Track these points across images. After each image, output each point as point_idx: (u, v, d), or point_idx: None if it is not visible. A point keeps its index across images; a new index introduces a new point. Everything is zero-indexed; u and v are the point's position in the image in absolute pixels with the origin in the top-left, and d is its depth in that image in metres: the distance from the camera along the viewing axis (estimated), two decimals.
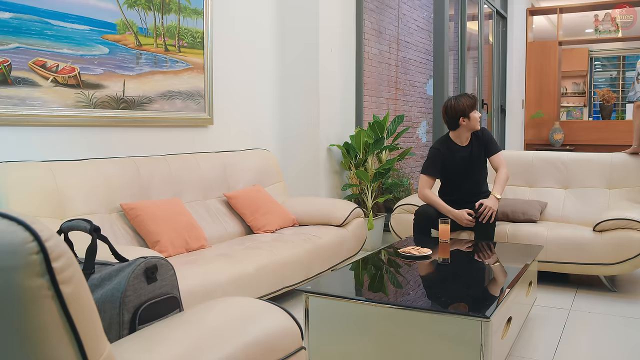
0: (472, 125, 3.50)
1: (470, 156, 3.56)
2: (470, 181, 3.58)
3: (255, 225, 3.48)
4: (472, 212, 3.41)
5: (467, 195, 3.55)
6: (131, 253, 2.09)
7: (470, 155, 3.56)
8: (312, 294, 2.15)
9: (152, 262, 1.53)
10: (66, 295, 0.89)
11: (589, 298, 3.28)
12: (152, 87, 3.34)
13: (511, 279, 2.33)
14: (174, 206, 3.04)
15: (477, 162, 3.57)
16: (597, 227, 3.31)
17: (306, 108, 4.47)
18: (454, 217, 3.41)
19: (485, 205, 3.34)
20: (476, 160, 3.56)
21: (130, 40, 3.20)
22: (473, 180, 3.58)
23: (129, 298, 1.46)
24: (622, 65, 11.61)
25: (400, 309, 2.00)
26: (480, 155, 3.56)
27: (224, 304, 1.54)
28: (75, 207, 2.70)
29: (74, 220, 1.60)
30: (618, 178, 3.82)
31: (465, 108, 3.46)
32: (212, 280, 2.51)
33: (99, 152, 3.09)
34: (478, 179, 3.59)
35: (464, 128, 3.51)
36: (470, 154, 3.56)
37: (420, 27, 7.14)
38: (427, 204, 3.52)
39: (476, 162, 3.57)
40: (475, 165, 3.57)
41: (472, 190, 3.57)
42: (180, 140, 3.62)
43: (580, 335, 2.71)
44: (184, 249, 2.92)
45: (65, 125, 2.91)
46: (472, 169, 3.57)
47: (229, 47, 4.00)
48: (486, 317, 1.85)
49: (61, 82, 2.85)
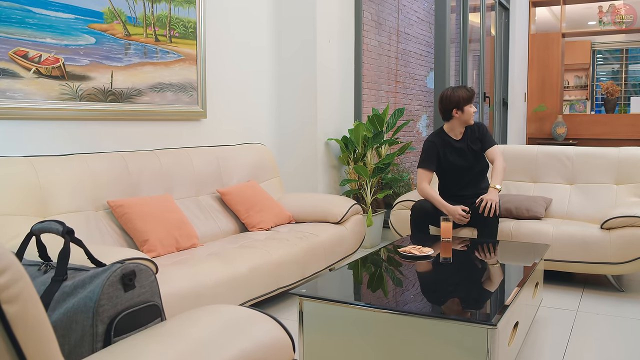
0: (465, 119, 3.41)
1: (464, 150, 3.46)
2: (467, 176, 3.47)
3: (250, 222, 3.35)
4: (466, 209, 3.31)
5: (465, 189, 3.46)
6: (111, 255, 1.96)
7: (465, 149, 3.45)
8: (307, 297, 2.02)
9: (129, 268, 1.41)
10: (11, 316, 0.76)
11: (596, 298, 3.15)
12: (141, 79, 3.20)
13: (518, 281, 2.20)
14: (164, 203, 2.91)
15: (472, 156, 3.45)
16: (605, 225, 3.18)
17: (303, 101, 4.33)
18: (448, 212, 3.31)
19: (485, 199, 3.21)
20: (471, 154, 3.45)
21: (119, 29, 3.06)
22: (470, 174, 3.47)
23: (104, 308, 1.33)
24: (625, 58, 11.45)
25: (401, 314, 1.87)
26: (476, 149, 3.45)
27: (209, 313, 1.41)
28: (59, 205, 2.57)
29: (45, 222, 1.47)
30: (626, 173, 3.69)
31: (460, 100, 3.37)
32: (202, 282, 2.38)
33: (85, 146, 2.95)
34: (475, 174, 3.48)
35: (457, 120, 3.43)
36: (464, 148, 3.46)
37: (421, 18, 6.99)
38: (424, 198, 3.41)
39: (471, 156, 3.45)
40: (470, 159, 3.45)
41: (470, 185, 3.47)
42: (171, 134, 3.48)
43: (589, 338, 2.58)
44: (174, 248, 2.79)
45: (48, 119, 2.77)
46: (467, 163, 3.46)
47: (223, 38, 3.86)
48: (492, 325, 1.72)
49: (44, 74, 2.71)
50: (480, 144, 3.46)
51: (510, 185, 4.00)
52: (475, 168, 3.47)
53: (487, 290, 2.21)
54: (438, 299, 2.08)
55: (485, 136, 3.47)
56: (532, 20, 7.98)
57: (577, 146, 4.05)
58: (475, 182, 3.49)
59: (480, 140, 3.46)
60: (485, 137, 3.46)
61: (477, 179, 3.50)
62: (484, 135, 3.47)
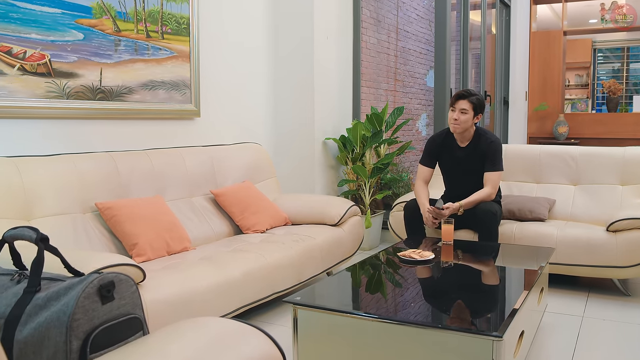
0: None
1: (465, 160, 3.26)
2: (467, 184, 3.26)
3: (245, 224, 3.25)
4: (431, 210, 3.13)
5: (466, 194, 3.21)
6: (93, 262, 1.86)
7: (466, 159, 3.26)
8: (301, 306, 1.92)
9: (107, 278, 1.30)
10: None
11: (602, 303, 3.05)
12: (132, 77, 3.10)
13: (523, 287, 2.10)
14: (155, 205, 2.80)
15: (473, 168, 3.25)
16: (611, 227, 3.08)
17: (300, 99, 4.22)
18: (422, 213, 3.17)
19: (446, 208, 3.06)
20: (472, 167, 3.25)
21: (108, 25, 2.95)
22: (470, 183, 3.26)
23: (79, 322, 1.23)
24: (627, 56, 11.35)
25: (401, 324, 1.77)
26: (478, 164, 3.23)
27: (195, 327, 1.31)
28: (44, 207, 2.46)
29: (17, 228, 1.37)
30: (631, 173, 3.59)
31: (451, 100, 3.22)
32: (192, 288, 2.28)
33: (72, 146, 2.85)
34: (476, 184, 3.25)
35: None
36: (466, 158, 3.26)
37: (420, 16, 6.89)
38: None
39: (472, 168, 3.25)
40: (470, 171, 3.26)
41: (471, 192, 3.21)
42: (163, 133, 3.37)
43: (596, 346, 2.48)
44: (165, 251, 2.68)
45: (34, 118, 2.67)
46: (467, 173, 3.27)
47: (217, 34, 3.75)
48: (498, 337, 1.62)
49: (29, 70, 2.60)
50: (481, 164, 3.22)
51: (513, 186, 3.89)
52: (476, 180, 3.25)
53: (491, 298, 2.10)
54: (440, 308, 1.97)
55: (489, 158, 3.19)
56: (533, 18, 7.88)
57: (581, 146, 3.95)
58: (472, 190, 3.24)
59: (483, 159, 3.21)
60: (488, 159, 3.19)
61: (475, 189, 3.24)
62: (489, 157, 3.19)
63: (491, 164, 3.20)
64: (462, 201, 3.12)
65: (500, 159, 3.24)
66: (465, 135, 3.25)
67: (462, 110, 3.15)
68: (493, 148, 3.21)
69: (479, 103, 3.18)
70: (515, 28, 7.13)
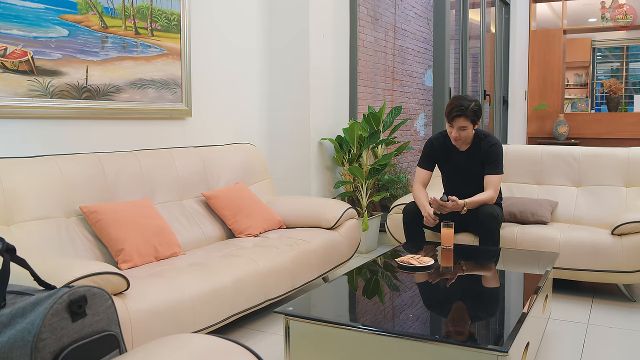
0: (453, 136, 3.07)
1: (466, 164, 3.16)
2: (467, 187, 3.15)
3: (237, 228, 3.13)
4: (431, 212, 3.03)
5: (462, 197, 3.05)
6: (70, 270, 1.74)
7: (466, 164, 3.15)
8: (294, 317, 1.81)
9: (78, 293, 1.19)
10: None
11: (607, 310, 2.95)
12: (120, 75, 2.98)
13: (528, 297, 2.00)
14: (143, 208, 2.69)
15: (473, 172, 3.15)
16: (616, 231, 2.98)
17: (296, 98, 4.11)
18: (423, 213, 3.05)
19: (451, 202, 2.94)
20: (472, 171, 3.15)
21: (94, 21, 2.84)
22: (471, 187, 3.15)
23: (45, 342, 1.12)
24: (626, 56, 11.26)
25: (399, 337, 1.66)
26: (478, 168, 3.13)
27: (174, 347, 1.20)
28: (25, 211, 2.35)
29: None
30: (636, 175, 3.49)
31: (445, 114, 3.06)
32: (180, 297, 2.16)
33: (56, 147, 2.73)
34: (477, 188, 3.14)
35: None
36: (466, 162, 3.15)
37: (419, 14, 6.79)
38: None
39: (472, 172, 3.15)
40: (470, 175, 3.16)
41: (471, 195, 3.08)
42: (153, 134, 3.26)
43: (602, 355, 2.37)
44: (153, 257, 2.57)
45: (15, 117, 2.55)
46: (467, 177, 3.17)
47: (209, 32, 3.64)
48: (504, 352, 1.51)
49: (10, 68, 2.48)
50: (482, 167, 3.12)
51: (514, 188, 3.78)
52: (476, 184, 3.15)
53: (494, 308, 2.00)
54: (440, 319, 1.87)
55: (490, 161, 3.09)
56: (533, 17, 7.78)
57: (583, 146, 3.84)
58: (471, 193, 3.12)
59: (483, 163, 3.11)
60: (490, 162, 3.09)
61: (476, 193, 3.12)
62: (490, 161, 3.09)
63: (492, 167, 3.10)
64: (466, 200, 3.01)
65: (502, 163, 3.14)
66: (465, 140, 3.14)
67: (461, 127, 3.03)
68: (494, 151, 3.10)
69: (476, 114, 3.04)
70: (514, 27, 7.03)
